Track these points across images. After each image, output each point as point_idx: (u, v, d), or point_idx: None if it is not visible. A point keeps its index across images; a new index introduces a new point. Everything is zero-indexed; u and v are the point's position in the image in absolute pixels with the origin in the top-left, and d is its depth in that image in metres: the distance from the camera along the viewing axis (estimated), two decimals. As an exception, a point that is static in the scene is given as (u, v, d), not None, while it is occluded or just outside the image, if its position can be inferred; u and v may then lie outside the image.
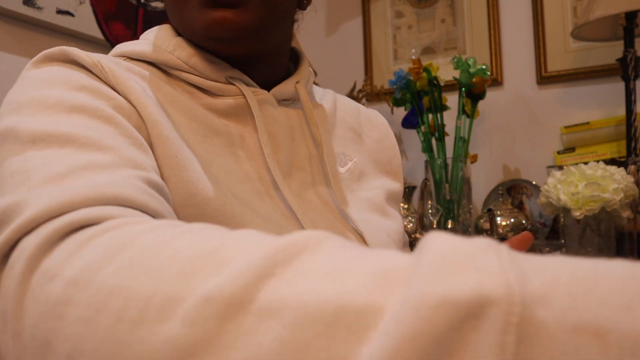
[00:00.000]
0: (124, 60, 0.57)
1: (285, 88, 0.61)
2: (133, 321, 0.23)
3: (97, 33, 1.49)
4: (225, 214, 0.48)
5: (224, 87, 0.57)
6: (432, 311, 0.18)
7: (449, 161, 1.63)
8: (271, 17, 0.56)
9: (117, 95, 0.47)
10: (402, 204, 1.71)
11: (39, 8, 1.33)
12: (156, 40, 0.58)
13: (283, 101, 0.62)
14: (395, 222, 0.68)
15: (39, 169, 0.35)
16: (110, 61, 0.51)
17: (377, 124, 0.75)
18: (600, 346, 0.17)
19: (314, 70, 0.68)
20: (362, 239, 0.59)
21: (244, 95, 0.57)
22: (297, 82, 0.63)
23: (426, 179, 1.59)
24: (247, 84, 0.58)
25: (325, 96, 0.71)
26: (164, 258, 0.25)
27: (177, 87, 0.56)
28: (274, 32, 0.58)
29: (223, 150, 0.55)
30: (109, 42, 1.53)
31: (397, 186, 0.72)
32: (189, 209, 0.47)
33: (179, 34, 0.60)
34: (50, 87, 0.44)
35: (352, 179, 0.66)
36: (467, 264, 0.19)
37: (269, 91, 0.60)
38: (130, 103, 0.48)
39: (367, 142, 0.72)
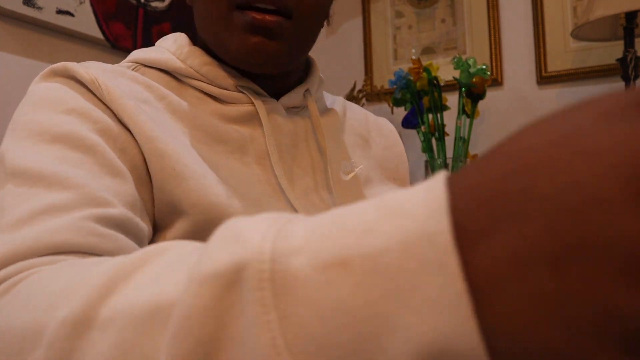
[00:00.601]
0: (137, 67, 0.60)
1: (294, 97, 0.64)
2: (14, 354, 0.27)
3: (97, 33, 1.49)
4: (237, 216, 0.49)
5: (234, 95, 0.59)
6: (199, 287, 0.20)
7: (449, 161, 1.63)
8: (304, 42, 0.60)
9: (105, 117, 0.50)
10: (402, 204, 1.71)
11: (39, 8, 1.33)
12: (170, 48, 0.61)
13: (291, 108, 0.64)
14: None
15: (10, 208, 0.40)
16: (112, 73, 0.54)
17: (386, 131, 0.77)
18: (345, 273, 0.18)
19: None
20: None
21: (253, 103, 0.60)
22: (306, 90, 0.65)
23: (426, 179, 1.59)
24: (257, 92, 0.61)
25: (335, 103, 0.73)
26: (43, 295, 0.29)
27: (187, 93, 0.59)
28: (304, 54, 0.62)
29: (227, 158, 0.57)
30: (109, 42, 1.53)
31: None
32: (202, 215, 0.50)
33: (195, 43, 0.62)
34: (43, 110, 0.48)
35: (358, 185, 0.67)
36: (233, 238, 0.21)
37: (278, 98, 0.62)
38: (122, 121, 0.50)
39: (375, 149, 0.73)
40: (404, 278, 0.17)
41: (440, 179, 0.19)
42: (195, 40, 0.63)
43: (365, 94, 2.01)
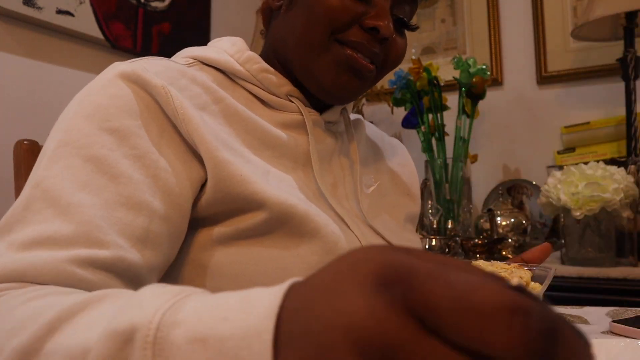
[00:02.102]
0: (194, 63, 0.63)
1: (333, 114, 0.70)
2: None
3: (97, 33, 1.49)
4: (295, 215, 0.56)
5: (283, 103, 0.65)
6: (106, 339, 0.27)
7: (449, 161, 1.63)
8: (372, 85, 0.67)
9: (145, 142, 0.52)
10: (402, 204, 1.71)
11: (39, 8, 1.33)
12: (228, 50, 0.65)
13: (327, 123, 0.70)
14: (415, 238, 0.76)
15: (21, 226, 0.45)
16: (176, 76, 0.57)
17: (399, 151, 0.85)
18: (204, 348, 0.24)
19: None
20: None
21: (300, 113, 0.65)
22: (343, 109, 0.72)
23: (426, 179, 1.59)
24: (303, 104, 0.66)
25: (357, 122, 0.79)
26: (9, 320, 0.35)
27: (239, 94, 0.63)
28: None
29: (274, 162, 0.61)
30: (109, 42, 1.53)
31: (416, 209, 0.81)
32: (265, 214, 0.55)
33: (269, 56, 0.67)
34: (91, 120, 0.51)
35: (376, 198, 0.73)
36: (138, 305, 0.28)
37: (320, 111, 0.68)
38: (184, 132, 0.53)
39: (390, 167, 0.80)
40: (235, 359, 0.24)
41: (283, 289, 0.25)
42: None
43: (365, 94, 2.01)
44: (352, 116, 0.79)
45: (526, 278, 0.51)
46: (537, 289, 0.50)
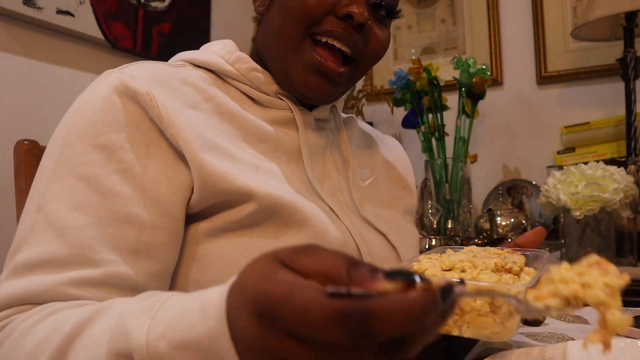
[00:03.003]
0: (186, 65, 0.65)
1: (323, 111, 0.71)
2: None
3: (97, 33, 1.49)
4: (283, 205, 0.58)
5: (274, 101, 0.66)
6: (112, 357, 0.37)
7: (449, 161, 1.63)
8: (354, 83, 0.69)
9: (130, 155, 0.54)
10: (402, 204, 1.71)
11: (39, 8, 1.33)
12: (219, 52, 0.67)
13: (318, 120, 0.71)
14: (413, 229, 0.79)
15: (26, 247, 0.50)
16: (166, 78, 0.59)
17: (393, 147, 0.87)
18: (185, 351, 0.34)
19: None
20: (384, 236, 0.69)
21: (290, 110, 0.67)
22: (332, 106, 0.74)
23: (426, 179, 1.59)
24: (293, 102, 0.68)
25: (349, 120, 0.81)
26: (21, 347, 0.43)
27: (230, 93, 0.65)
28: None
29: (269, 155, 0.63)
30: (109, 42, 1.53)
31: (413, 201, 0.83)
32: (254, 206, 0.57)
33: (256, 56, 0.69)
34: (81, 138, 0.54)
35: (372, 191, 0.75)
36: (123, 329, 0.37)
37: (309, 108, 0.69)
38: (169, 135, 0.56)
39: (386, 162, 0.82)
40: (213, 354, 0.33)
41: (225, 293, 0.33)
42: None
43: (365, 94, 2.01)
44: (345, 115, 0.82)
45: (520, 263, 0.51)
46: (532, 274, 0.50)
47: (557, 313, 0.35)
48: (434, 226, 1.55)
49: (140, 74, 0.57)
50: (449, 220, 1.61)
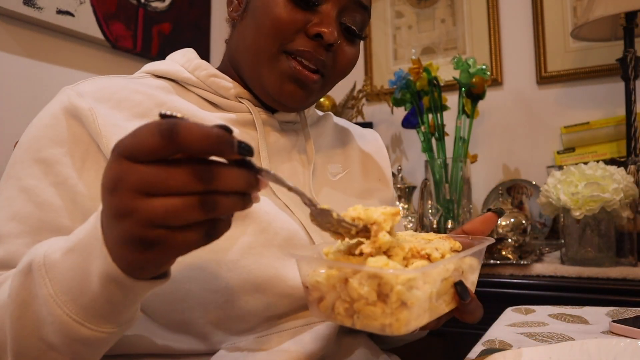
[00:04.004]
0: (146, 76, 0.69)
1: (287, 114, 0.73)
2: None
3: (97, 33, 1.49)
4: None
5: (233, 104, 0.69)
6: (14, 277, 0.47)
7: (449, 161, 1.63)
8: (324, 94, 0.72)
9: (68, 169, 0.59)
10: (402, 204, 1.71)
11: (39, 8, 1.33)
12: (179, 61, 0.71)
13: (286, 123, 0.73)
14: None
15: None
16: (115, 91, 0.63)
17: (371, 139, 0.88)
18: (73, 252, 0.44)
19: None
20: None
21: (250, 112, 0.69)
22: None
23: (426, 179, 1.59)
24: (253, 104, 0.70)
25: (323, 117, 0.83)
26: None
27: (190, 99, 0.68)
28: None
29: None
30: (109, 42, 1.53)
31: (389, 192, 0.84)
32: None
33: (233, 65, 0.72)
34: (27, 151, 0.60)
35: (344, 184, 0.76)
36: (31, 251, 0.47)
37: (273, 112, 0.72)
38: (104, 148, 0.59)
39: (361, 156, 0.83)
40: (89, 253, 0.42)
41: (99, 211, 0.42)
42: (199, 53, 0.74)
43: (365, 94, 2.01)
44: (321, 112, 0.85)
45: (443, 250, 0.47)
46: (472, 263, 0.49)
47: (337, 228, 0.44)
48: (434, 226, 1.55)
49: (89, 89, 0.61)
50: (449, 220, 1.61)
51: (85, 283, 0.42)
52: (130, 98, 0.63)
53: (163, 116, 0.35)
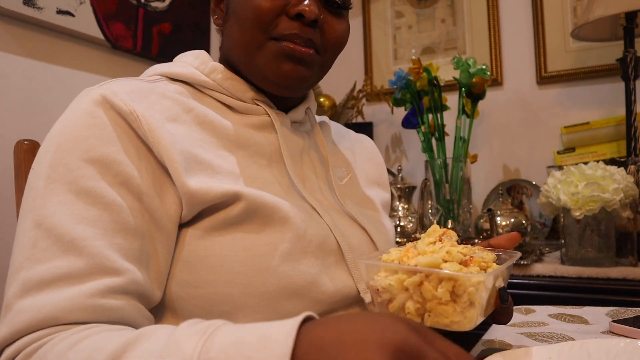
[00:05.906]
0: (161, 79, 0.66)
1: (298, 113, 0.74)
2: None
3: (97, 33, 1.49)
4: (265, 204, 0.59)
5: (250, 107, 0.68)
6: None
7: (449, 161, 1.63)
8: (325, 71, 0.70)
9: (128, 167, 0.55)
10: (402, 204, 1.71)
11: (39, 8, 1.33)
12: (193, 63, 0.69)
13: (294, 123, 0.74)
14: (390, 224, 0.82)
15: (31, 263, 0.49)
16: (145, 93, 0.61)
17: (367, 145, 0.90)
18: None
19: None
20: (365, 232, 0.71)
21: (268, 114, 0.69)
22: (307, 108, 0.76)
23: (426, 179, 1.59)
24: (269, 106, 0.69)
25: (322, 121, 0.84)
26: None
27: (208, 103, 0.67)
28: (320, 80, 0.72)
29: (247, 161, 0.64)
30: (109, 42, 1.53)
31: (388, 196, 0.87)
32: (242, 204, 0.58)
33: (228, 64, 0.70)
34: (72, 152, 0.54)
35: (349, 189, 0.78)
36: (177, 348, 0.38)
37: (285, 111, 0.72)
38: (155, 152, 0.57)
39: (359, 160, 0.85)
40: None
41: (295, 328, 0.35)
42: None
43: (365, 94, 2.01)
44: (318, 118, 0.84)
45: (487, 259, 0.52)
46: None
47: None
48: (434, 226, 1.55)
49: (121, 89, 0.58)
50: (449, 220, 1.61)
51: None
52: (160, 102, 0.62)
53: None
